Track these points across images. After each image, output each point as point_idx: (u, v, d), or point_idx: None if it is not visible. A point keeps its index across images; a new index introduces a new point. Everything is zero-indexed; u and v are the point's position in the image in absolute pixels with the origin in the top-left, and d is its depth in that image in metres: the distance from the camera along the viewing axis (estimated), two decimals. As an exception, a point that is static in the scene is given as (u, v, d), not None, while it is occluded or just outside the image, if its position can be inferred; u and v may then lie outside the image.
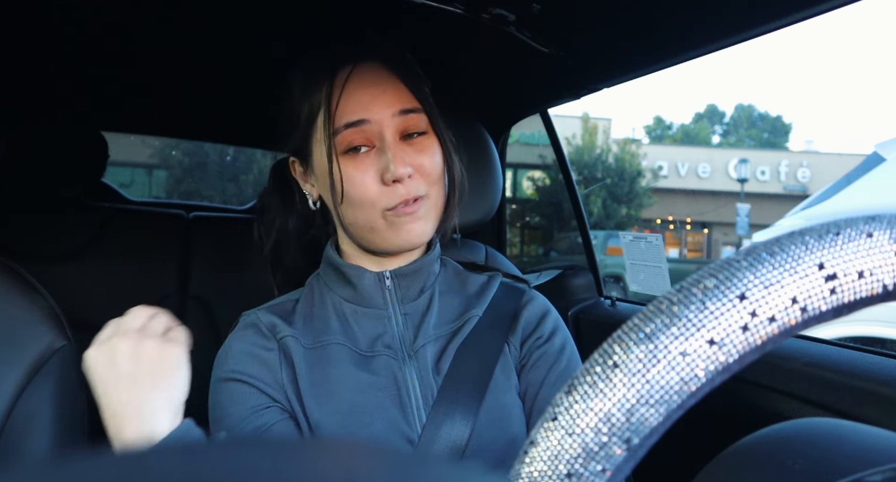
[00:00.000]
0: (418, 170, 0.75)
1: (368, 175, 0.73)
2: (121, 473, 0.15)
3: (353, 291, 0.79)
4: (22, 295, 0.85)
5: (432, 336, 0.77)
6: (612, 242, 9.42)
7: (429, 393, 0.74)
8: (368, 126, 0.74)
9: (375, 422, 0.71)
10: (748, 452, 0.36)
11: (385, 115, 0.74)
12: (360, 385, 0.73)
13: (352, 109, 0.74)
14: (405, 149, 0.75)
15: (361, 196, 0.73)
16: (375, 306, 0.78)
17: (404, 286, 0.80)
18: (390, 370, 0.74)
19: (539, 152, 13.17)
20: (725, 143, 37.58)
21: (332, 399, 0.72)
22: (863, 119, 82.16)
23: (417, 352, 0.76)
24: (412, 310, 0.79)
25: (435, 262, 0.83)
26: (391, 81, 0.76)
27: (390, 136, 0.74)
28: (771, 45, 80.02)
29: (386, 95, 0.75)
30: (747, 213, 15.88)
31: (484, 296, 0.82)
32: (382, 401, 0.72)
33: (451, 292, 0.83)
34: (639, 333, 0.24)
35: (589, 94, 1.24)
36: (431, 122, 0.77)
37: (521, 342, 0.81)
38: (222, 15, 1.11)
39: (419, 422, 0.72)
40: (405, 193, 0.73)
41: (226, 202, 11.31)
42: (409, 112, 0.75)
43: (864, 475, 0.28)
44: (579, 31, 1.01)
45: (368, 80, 0.75)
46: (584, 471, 0.24)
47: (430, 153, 0.76)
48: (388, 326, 0.77)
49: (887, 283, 0.24)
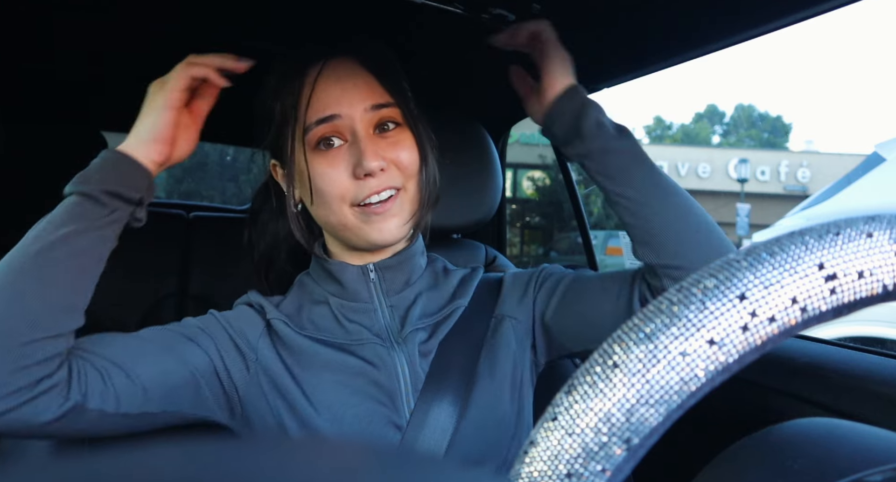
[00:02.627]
0: (394, 163, 0.75)
1: (339, 170, 0.73)
2: (121, 473, 0.15)
3: (339, 286, 0.79)
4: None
5: (418, 324, 0.78)
6: (612, 242, 9.42)
7: (418, 379, 0.74)
8: (340, 121, 0.73)
9: (361, 404, 0.71)
10: (748, 452, 0.36)
11: (357, 109, 0.73)
12: (348, 368, 0.73)
13: (323, 105, 0.73)
14: (379, 142, 0.74)
15: (331, 192, 0.73)
16: (361, 300, 0.79)
17: (389, 278, 0.80)
18: (379, 356, 0.75)
19: (539, 152, 13.17)
20: (725, 143, 37.59)
21: (320, 381, 0.73)
22: (863, 119, 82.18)
23: (406, 339, 0.76)
24: (398, 302, 0.79)
25: (419, 255, 0.83)
26: (363, 76, 0.75)
27: (362, 130, 0.74)
28: (771, 45, 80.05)
29: (357, 90, 0.74)
30: (747, 213, 15.88)
31: (468, 286, 0.83)
32: (369, 389, 0.73)
33: (436, 287, 0.83)
34: (639, 333, 0.24)
35: (589, 93, 1.24)
36: (404, 116, 0.77)
37: (519, 301, 0.81)
38: (222, 14, 1.11)
39: (407, 408, 0.73)
40: (377, 185, 0.73)
41: (226, 202, 11.29)
42: (382, 107, 0.75)
43: (864, 475, 0.28)
44: (579, 31, 1.01)
45: (340, 74, 0.75)
46: (584, 471, 0.24)
47: (405, 147, 0.76)
48: (374, 319, 0.78)
49: (887, 283, 0.24)
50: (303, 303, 0.81)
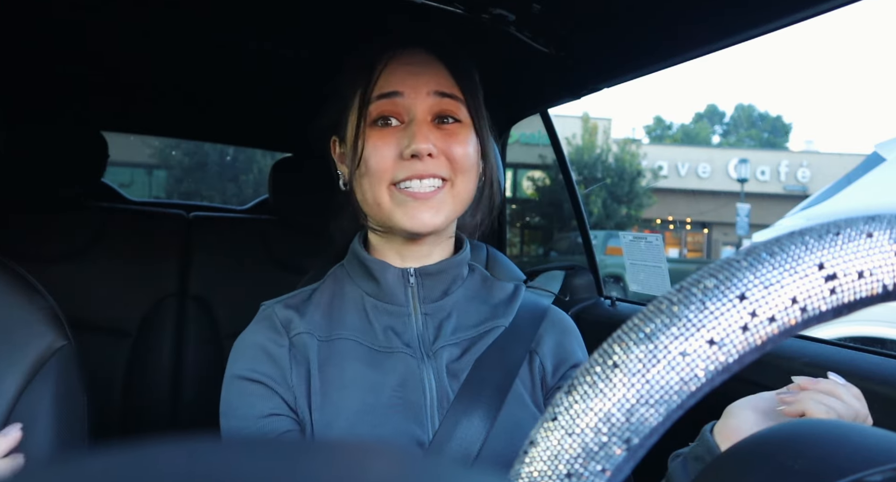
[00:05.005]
0: (446, 154, 0.74)
1: (389, 147, 0.73)
2: (121, 473, 0.15)
3: (376, 286, 0.78)
4: (22, 295, 0.85)
5: (451, 340, 0.77)
6: (612, 242, 9.43)
7: (444, 396, 0.73)
8: (401, 99, 0.74)
9: (385, 424, 0.71)
10: (748, 452, 0.36)
11: (420, 91, 0.74)
12: (373, 384, 0.72)
13: (388, 82, 0.74)
14: (434, 131, 0.75)
15: (377, 166, 0.73)
16: (397, 303, 0.77)
17: (428, 286, 0.78)
18: (407, 368, 0.74)
19: (539, 152, 13.16)
20: (725, 143, 37.57)
21: (344, 397, 0.72)
22: (863, 119, 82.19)
23: (436, 353, 0.75)
24: (433, 310, 0.78)
25: (462, 265, 0.82)
26: (434, 64, 0.76)
27: (421, 114, 0.74)
28: (771, 45, 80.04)
29: (424, 74, 0.75)
30: (747, 213, 15.87)
31: (511, 307, 0.81)
32: (395, 402, 0.72)
33: (476, 299, 0.81)
34: (639, 333, 0.24)
35: (589, 94, 1.24)
36: (470, 111, 0.77)
37: (555, 366, 0.80)
38: (222, 15, 1.11)
39: (431, 425, 0.72)
40: (422, 169, 0.72)
41: (226, 202, 11.30)
42: (445, 96, 0.75)
43: (864, 475, 0.28)
44: (579, 31, 1.01)
45: (412, 59, 0.76)
46: (584, 471, 0.24)
47: (460, 141, 0.76)
48: (407, 324, 0.76)
49: (887, 283, 0.24)
50: (334, 299, 0.79)
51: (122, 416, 1.55)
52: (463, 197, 0.77)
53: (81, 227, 1.58)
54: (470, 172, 0.76)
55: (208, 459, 0.16)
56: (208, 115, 1.88)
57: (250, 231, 1.72)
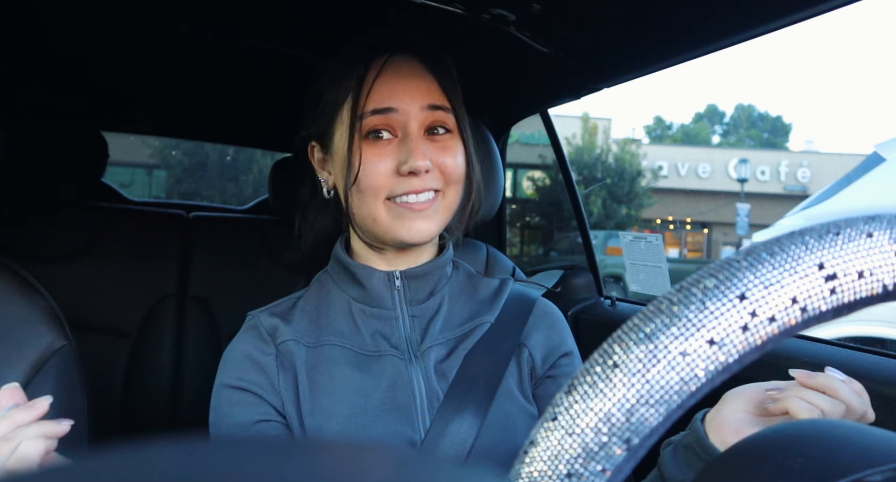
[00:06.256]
0: (439, 167, 0.75)
1: (385, 163, 0.73)
2: (122, 473, 0.15)
3: (363, 291, 0.78)
4: (22, 295, 0.85)
5: (438, 339, 0.77)
6: (612, 242, 9.43)
7: (433, 396, 0.74)
8: (395, 115, 0.74)
9: (376, 426, 0.71)
10: (748, 452, 0.36)
11: (413, 106, 0.74)
12: (363, 388, 0.73)
13: (381, 97, 0.74)
14: (428, 144, 0.75)
15: (373, 183, 0.73)
16: (384, 307, 0.78)
17: (414, 288, 0.79)
18: (396, 371, 0.74)
19: (539, 152, 13.17)
20: (725, 143, 37.58)
21: (334, 401, 0.72)
22: (863, 119, 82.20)
23: (424, 354, 0.76)
24: (420, 312, 0.79)
25: (447, 265, 0.83)
26: (424, 76, 0.76)
27: (415, 129, 0.74)
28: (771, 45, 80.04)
29: (417, 88, 0.75)
30: (747, 213, 15.87)
31: (496, 303, 0.82)
32: (385, 405, 0.72)
33: (461, 296, 0.82)
34: (639, 333, 0.24)
35: (589, 94, 1.24)
36: (458, 122, 0.78)
37: (545, 357, 0.80)
38: (222, 14, 1.11)
39: (423, 425, 0.72)
40: (419, 185, 0.73)
41: (226, 202, 11.31)
42: (438, 108, 0.75)
43: (864, 475, 0.28)
44: (579, 31, 1.01)
45: (403, 71, 0.75)
46: (584, 471, 0.24)
47: (452, 152, 0.76)
48: (395, 327, 0.77)
49: (887, 283, 0.24)
50: (321, 305, 0.80)
51: (122, 416, 1.55)
52: (452, 205, 0.78)
53: (81, 226, 1.58)
54: (460, 182, 0.78)
55: (208, 459, 0.16)
56: (208, 115, 1.88)
57: (250, 231, 1.72)
